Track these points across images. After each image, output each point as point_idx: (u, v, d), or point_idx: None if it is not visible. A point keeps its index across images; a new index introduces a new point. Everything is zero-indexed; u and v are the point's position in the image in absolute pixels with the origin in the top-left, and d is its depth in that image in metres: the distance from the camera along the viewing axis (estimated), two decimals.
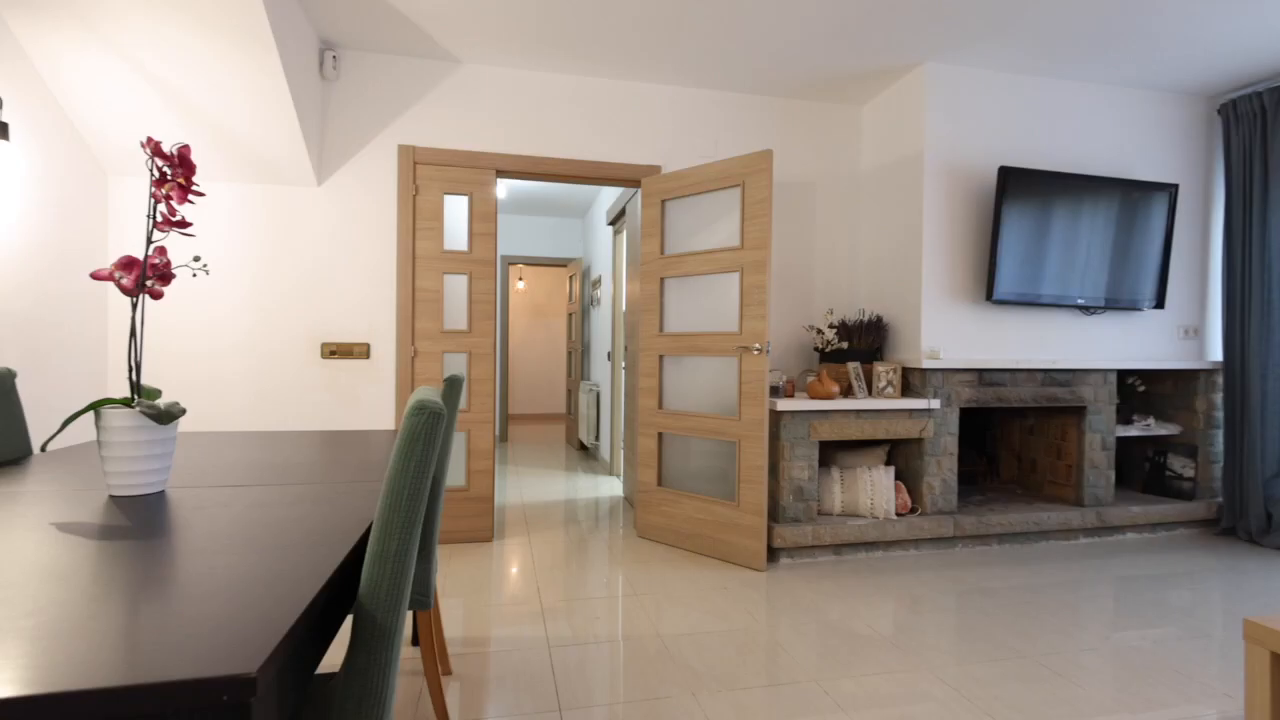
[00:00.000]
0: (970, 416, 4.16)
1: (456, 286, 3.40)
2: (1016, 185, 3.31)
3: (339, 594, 0.94)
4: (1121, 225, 3.51)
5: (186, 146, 1.26)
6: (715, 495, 3.20)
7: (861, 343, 3.50)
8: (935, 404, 3.27)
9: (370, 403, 3.30)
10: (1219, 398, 3.73)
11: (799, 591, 2.74)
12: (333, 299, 3.27)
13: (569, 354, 7.39)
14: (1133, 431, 3.69)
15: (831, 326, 3.52)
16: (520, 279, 9.47)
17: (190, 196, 1.21)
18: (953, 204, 3.41)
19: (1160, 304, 3.60)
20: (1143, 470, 3.95)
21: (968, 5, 2.81)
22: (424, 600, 1.66)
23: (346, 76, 3.25)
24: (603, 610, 2.52)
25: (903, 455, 3.48)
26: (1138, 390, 3.98)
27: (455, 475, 3.41)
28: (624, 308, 4.73)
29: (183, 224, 1.26)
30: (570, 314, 7.31)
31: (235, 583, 0.80)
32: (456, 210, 3.41)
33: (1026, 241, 3.35)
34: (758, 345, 3.01)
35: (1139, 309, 3.60)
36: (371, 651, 0.86)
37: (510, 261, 7.24)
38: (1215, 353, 3.83)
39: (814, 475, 3.17)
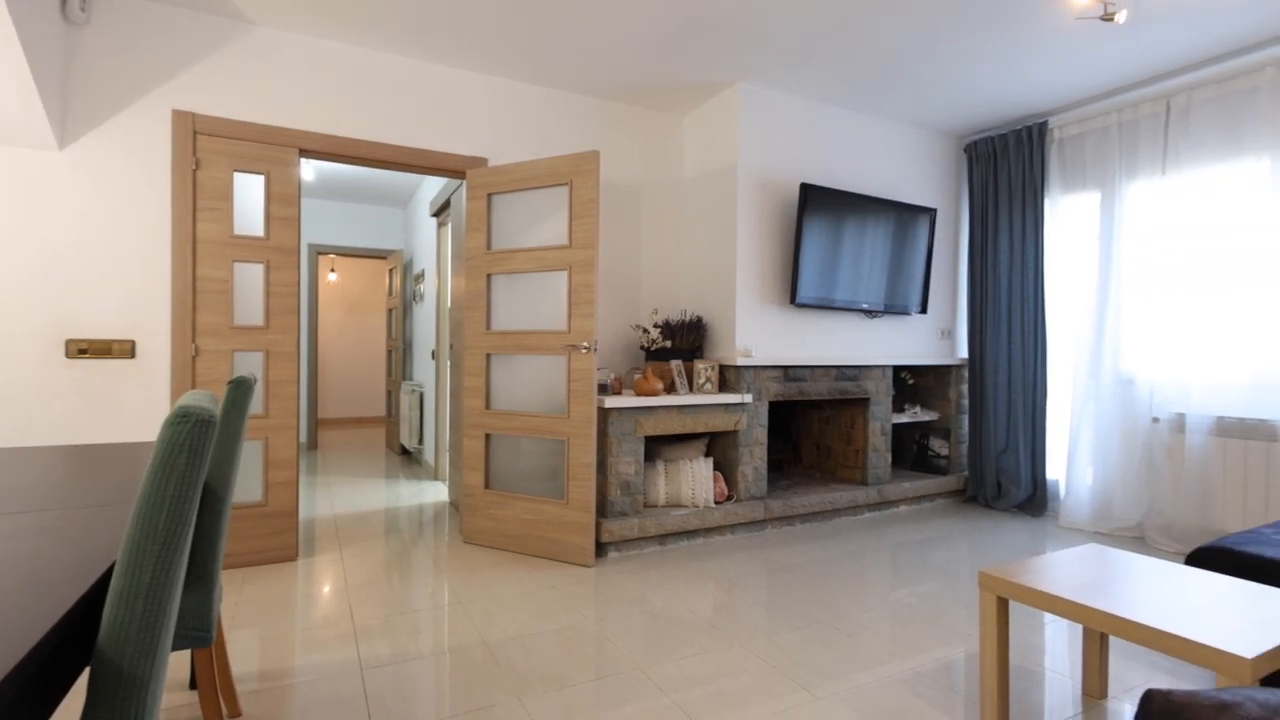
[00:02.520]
0: (777, 409, 4.57)
1: (250, 276, 3.01)
2: (815, 201, 3.69)
3: (72, 643, 0.78)
4: (896, 241, 4.07)
5: None
6: (544, 494, 3.18)
7: (684, 342, 3.68)
8: (748, 398, 3.55)
9: (137, 410, 2.80)
10: (965, 388, 4.49)
11: (626, 584, 2.81)
12: (84, 287, 2.72)
13: (389, 353, 6.90)
14: (904, 419, 4.31)
15: (656, 326, 3.66)
16: (332, 271, 8.65)
17: None
18: (762, 214, 3.72)
19: (924, 309, 4.24)
20: (911, 452, 4.63)
21: (771, 35, 3.08)
22: (203, 636, 1.45)
23: (102, 22, 2.73)
24: (425, 623, 2.38)
25: (720, 447, 3.73)
26: (908, 383, 4.65)
27: (250, 489, 3.02)
28: (449, 304, 4.52)
29: None
30: (390, 310, 6.82)
31: None
32: (250, 191, 3.01)
33: (823, 251, 3.76)
34: (586, 344, 3.04)
35: (909, 313, 4.21)
36: (115, 706, 0.72)
37: (320, 251, 6.58)
38: (963, 350, 4.61)
39: (640, 469, 3.27)
